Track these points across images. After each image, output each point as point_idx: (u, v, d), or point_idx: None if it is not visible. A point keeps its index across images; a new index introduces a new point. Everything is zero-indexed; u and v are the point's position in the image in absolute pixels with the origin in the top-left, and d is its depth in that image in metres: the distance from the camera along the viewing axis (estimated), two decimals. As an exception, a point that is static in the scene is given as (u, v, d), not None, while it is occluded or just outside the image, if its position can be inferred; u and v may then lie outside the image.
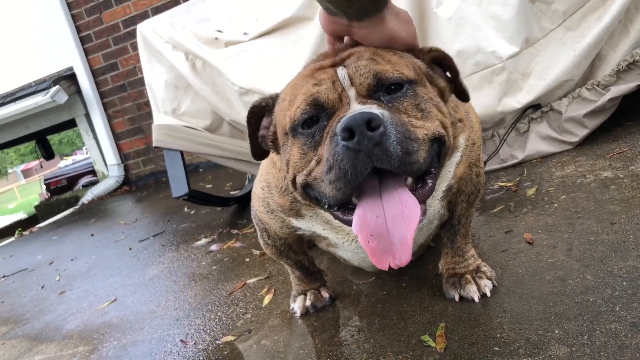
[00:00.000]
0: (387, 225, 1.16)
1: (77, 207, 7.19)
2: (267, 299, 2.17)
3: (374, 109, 1.15)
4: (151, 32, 3.39)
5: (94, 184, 7.85)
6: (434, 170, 1.27)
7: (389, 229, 1.16)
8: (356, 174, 1.12)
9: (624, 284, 1.48)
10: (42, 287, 3.53)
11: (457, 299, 1.67)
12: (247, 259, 2.74)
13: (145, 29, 3.42)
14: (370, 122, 1.10)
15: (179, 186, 3.27)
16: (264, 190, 1.65)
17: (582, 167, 2.46)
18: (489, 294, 1.64)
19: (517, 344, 1.38)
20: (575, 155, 2.65)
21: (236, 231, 3.29)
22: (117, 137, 7.30)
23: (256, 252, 2.78)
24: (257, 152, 1.51)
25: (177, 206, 4.73)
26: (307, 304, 1.93)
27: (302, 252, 1.90)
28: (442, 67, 1.41)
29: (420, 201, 1.20)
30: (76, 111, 7.42)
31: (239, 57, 3.21)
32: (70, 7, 6.93)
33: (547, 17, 2.72)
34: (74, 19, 6.95)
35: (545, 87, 2.71)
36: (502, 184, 2.62)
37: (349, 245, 1.62)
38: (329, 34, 1.44)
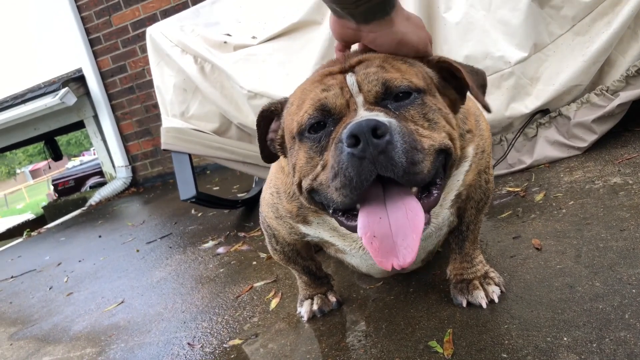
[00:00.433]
0: (391, 226, 1.16)
1: (85, 208, 7.22)
2: (274, 303, 2.18)
3: (380, 117, 1.15)
4: (160, 36, 3.41)
5: (102, 185, 7.90)
6: (439, 181, 1.27)
7: (392, 230, 1.16)
8: (361, 181, 1.12)
9: (633, 291, 1.47)
10: (50, 288, 3.55)
11: (464, 304, 1.67)
12: (254, 262, 2.75)
13: (154, 32, 3.44)
14: (376, 130, 1.10)
15: (187, 189, 3.28)
16: (273, 196, 1.66)
17: (591, 173, 2.45)
18: (496, 300, 1.64)
19: (526, 351, 1.37)
20: (583, 160, 2.64)
21: (243, 234, 3.30)
22: (125, 139, 7.34)
23: (263, 255, 2.78)
24: (266, 154, 1.51)
25: (184, 208, 4.75)
26: (314, 308, 1.93)
27: (310, 257, 1.90)
28: (456, 78, 1.39)
29: (424, 210, 1.20)
30: (85, 113, 7.46)
31: (248, 61, 3.22)
32: (79, 9, 6.97)
33: (556, 23, 2.72)
34: (84, 21, 7.00)
35: (553, 92, 2.70)
36: (510, 189, 2.62)
37: (357, 252, 1.63)
38: (338, 38, 1.44)
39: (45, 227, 6.84)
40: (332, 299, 1.95)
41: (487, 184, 1.65)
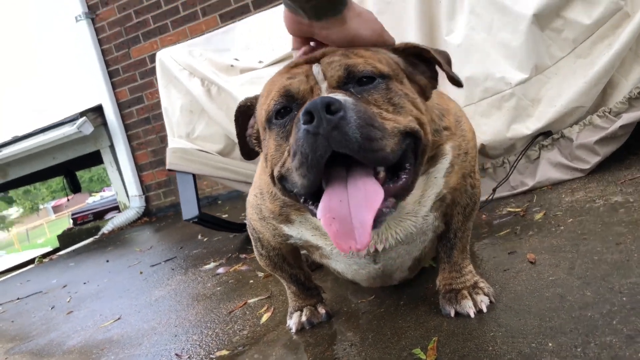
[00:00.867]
0: (350, 208, 1.15)
1: (97, 236, 7.28)
2: (265, 317, 2.15)
3: (337, 96, 1.16)
4: (170, 59, 3.49)
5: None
6: (408, 166, 1.26)
7: (351, 213, 1.14)
8: (316, 158, 1.12)
9: (624, 299, 1.42)
10: (52, 308, 3.55)
11: (452, 314, 1.63)
12: (251, 281, 2.72)
13: (164, 56, 3.53)
14: (329, 106, 1.11)
15: (189, 209, 3.29)
16: (257, 197, 1.66)
17: (592, 193, 2.40)
18: (484, 310, 1.60)
19: (509, 357, 1.33)
20: (586, 182, 2.60)
21: (244, 255, 3.28)
22: (139, 168, 7.43)
23: (261, 274, 2.76)
24: (246, 151, 1.52)
25: (192, 234, 4.76)
26: (303, 319, 1.89)
27: (298, 265, 1.88)
28: (426, 62, 1.41)
29: (390, 194, 1.19)
30: (101, 143, 7.60)
31: (254, 84, 3.27)
32: (100, 42, 7.19)
33: (557, 45, 2.72)
34: (104, 53, 7.20)
35: (555, 113, 2.69)
36: (511, 209, 2.58)
37: (338, 253, 1.60)
38: (292, 34, 1.45)
39: (57, 254, 6.90)
40: (322, 310, 1.92)
41: (473, 188, 1.63)
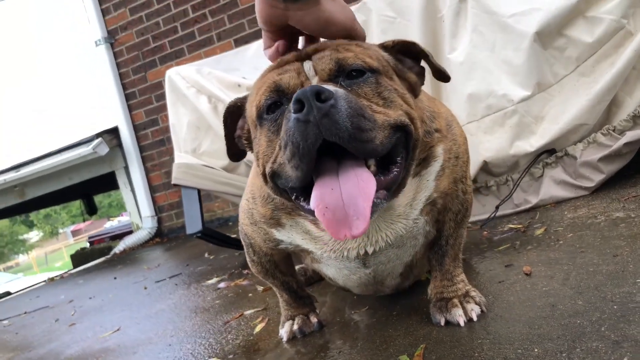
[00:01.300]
0: (343, 197, 1.15)
1: (109, 256, 7.33)
2: (259, 327, 2.13)
3: (328, 86, 1.17)
4: (178, 77, 3.56)
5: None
6: (399, 159, 1.26)
7: (344, 201, 1.14)
8: (308, 146, 1.12)
9: (615, 307, 1.39)
10: (56, 321, 3.56)
11: (442, 323, 1.60)
12: (250, 294, 2.71)
13: (173, 74, 3.60)
14: (320, 94, 1.11)
15: (193, 224, 3.31)
16: (249, 201, 1.66)
17: (595, 210, 2.37)
18: (475, 318, 1.57)
19: (494, 362, 1.30)
20: (590, 199, 2.57)
21: (247, 271, 3.28)
22: (153, 189, 7.50)
23: (260, 287, 2.75)
24: (233, 151, 1.53)
25: (199, 252, 4.77)
26: (295, 328, 1.87)
27: (290, 273, 1.87)
28: (415, 59, 1.42)
29: (381, 186, 1.19)
30: (116, 164, 7.70)
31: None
32: (118, 66, 7.36)
33: (560, 64, 2.72)
34: (121, 77, 7.36)
35: (558, 131, 2.67)
36: (513, 226, 2.55)
37: (329, 257, 1.59)
38: (265, 20, 1.39)
39: (68, 272, 6.95)
40: (314, 319, 1.90)
41: (464, 194, 1.62)
